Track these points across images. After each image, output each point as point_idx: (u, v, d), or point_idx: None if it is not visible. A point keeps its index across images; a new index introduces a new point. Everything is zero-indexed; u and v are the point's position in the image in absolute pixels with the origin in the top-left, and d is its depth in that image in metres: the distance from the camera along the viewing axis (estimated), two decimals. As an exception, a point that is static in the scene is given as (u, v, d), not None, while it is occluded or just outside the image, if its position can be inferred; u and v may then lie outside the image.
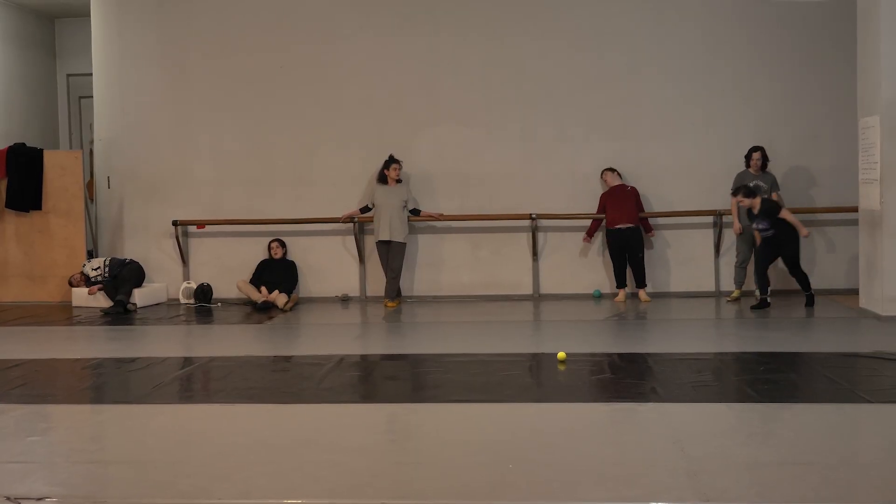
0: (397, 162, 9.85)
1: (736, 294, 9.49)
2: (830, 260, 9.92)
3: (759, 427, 4.92)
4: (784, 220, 8.83)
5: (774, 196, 9.33)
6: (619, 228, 9.63)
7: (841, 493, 3.90)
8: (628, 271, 9.81)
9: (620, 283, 9.77)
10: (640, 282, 9.73)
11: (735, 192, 9.02)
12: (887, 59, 8.00)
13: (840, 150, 9.72)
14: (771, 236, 8.89)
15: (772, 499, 3.81)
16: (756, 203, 8.89)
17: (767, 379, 5.92)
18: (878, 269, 8.22)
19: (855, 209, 8.96)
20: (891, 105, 8.01)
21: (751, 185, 9.26)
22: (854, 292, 9.00)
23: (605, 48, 10.10)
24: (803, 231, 8.88)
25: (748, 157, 9.44)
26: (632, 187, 9.77)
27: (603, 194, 9.87)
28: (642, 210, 9.85)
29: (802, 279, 8.99)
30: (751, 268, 9.42)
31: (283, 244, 10.26)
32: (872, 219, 8.30)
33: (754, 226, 8.99)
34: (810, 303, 8.93)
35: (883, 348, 6.76)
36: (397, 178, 9.86)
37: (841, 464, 4.32)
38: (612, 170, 9.82)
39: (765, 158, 9.42)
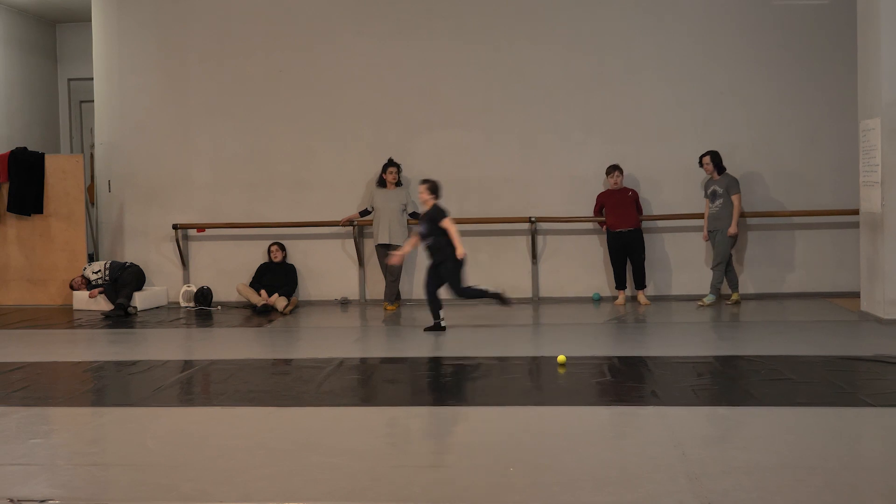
0: (394, 165, 9.86)
1: (735, 297, 9.49)
2: (831, 263, 9.91)
3: (760, 430, 4.92)
4: (446, 234, 7.99)
5: (734, 199, 9.29)
6: (621, 231, 9.62)
7: (842, 497, 3.90)
8: (628, 274, 9.80)
9: (620, 286, 9.77)
10: (640, 283, 9.73)
11: (421, 183, 8.21)
12: (888, 61, 7.99)
13: (840, 153, 9.73)
14: (430, 246, 8.10)
15: (773, 502, 3.81)
16: (429, 203, 8.11)
17: (768, 382, 5.92)
18: (879, 272, 8.21)
19: (855, 212, 8.97)
20: (891, 107, 8.01)
21: (708, 190, 9.43)
22: (855, 295, 8.99)
23: (603, 51, 10.10)
24: (459, 251, 7.98)
25: (700, 164, 9.48)
26: (632, 191, 9.76)
27: (601, 194, 9.82)
28: (642, 213, 9.85)
29: (473, 294, 8.32)
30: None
31: (282, 248, 10.27)
32: (873, 221, 8.30)
33: (418, 230, 8.17)
34: (504, 302, 8.32)
35: (885, 352, 6.76)
36: (395, 181, 9.86)
37: (842, 468, 4.31)
38: (621, 171, 9.67)
39: (716, 162, 9.37)
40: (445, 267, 8.08)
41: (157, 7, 10.75)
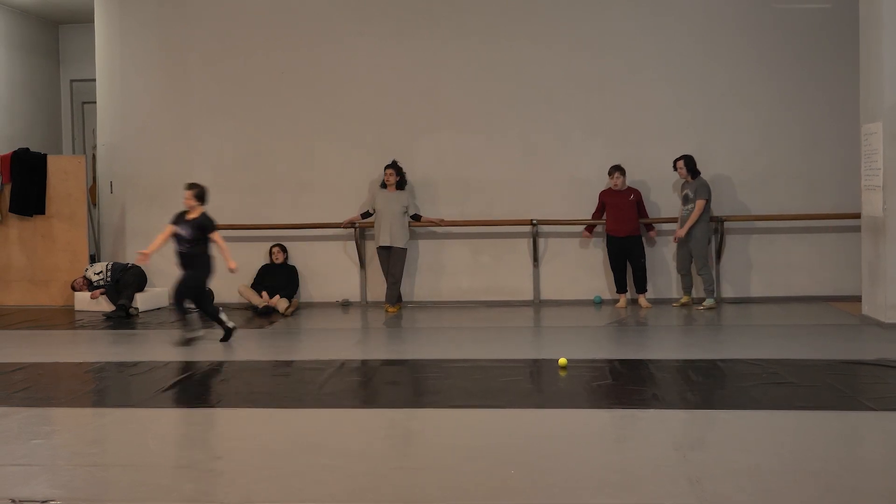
0: (392, 167, 9.85)
1: (685, 300, 9.56)
2: (833, 266, 9.90)
3: (761, 434, 4.91)
4: (207, 243, 7.77)
5: (698, 203, 9.25)
6: (619, 237, 9.61)
7: (844, 501, 3.90)
8: (628, 277, 9.80)
9: (621, 289, 9.76)
10: (641, 287, 9.72)
11: (187, 188, 7.88)
12: (889, 65, 7.99)
13: (841, 156, 9.73)
14: (186, 252, 7.72)
15: (773, 505, 3.81)
16: (196, 210, 7.81)
17: (769, 386, 5.92)
18: (880, 276, 8.21)
19: (857, 215, 8.96)
20: (893, 111, 8.01)
21: (682, 193, 9.45)
22: (857, 299, 8.98)
23: (604, 53, 10.11)
24: (231, 264, 7.72)
25: (674, 167, 9.50)
26: (634, 193, 9.71)
27: (602, 192, 9.77)
28: (645, 215, 9.82)
29: (212, 314, 7.89)
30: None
31: (284, 249, 10.27)
32: (875, 225, 8.30)
33: (178, 232, 7.75)
34: (226, 338, 7.83)
35: (886, 356, 6.75)
36: (394, 183, 9.85)
37: (844, 471, 4.31)
38: (622, 172, 9.64)
39: (690, 166, 9.39)
40: (193, 275, 7.73)
41: (160, 8, 10.76)
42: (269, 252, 10.33)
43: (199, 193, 7.91)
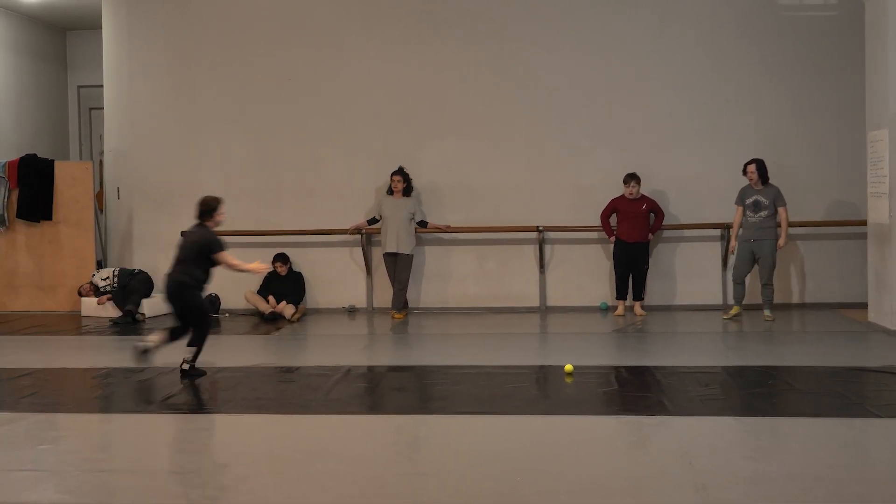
0: (398, 174, 9.86)
1: (735, 311, 9.21)
2: (839, 273, 9.88)
3: (767, 441, 4.91)
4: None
5: (781, 211, 9.00)
6: (629, 243, 9.58)
7: (849, 508, 3.90)
8: (629, 285, 9.76)
9: (621, 296, 9.71)
10: (638, 295, 9.68)
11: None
12: (895, 72, 8.00)
13: (847, 163, 9.71)
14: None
15: (780, 512, 3.81)
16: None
17: (775, 393, 5.92)
18: (886, 283, 8.20)
19: (863, 222, 8.95)
20: (899, 119, 8.02)
21: (748, 200, 9.01)
22: (863, 306, 8.96)
23: (610, 60, 10.11)
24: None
25: (744, 171, 9.10)
26: (647, 203, 9.61)
27: (615, 199, 9.66)
28: (661, 222, 9.68)
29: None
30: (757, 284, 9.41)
31: (285, 260, 10.15)
32: (881, 232, 8.29)
33: None
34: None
35: (892, 363, 6.74)
36: (400, 189, 9.87)
37: (850, 478, 4.31)
38: (637, 181, 9.49)
39: (762, 171, 8.99)
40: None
41: (167, 15, 10.81)
42: (271, 264, 10.26)
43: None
